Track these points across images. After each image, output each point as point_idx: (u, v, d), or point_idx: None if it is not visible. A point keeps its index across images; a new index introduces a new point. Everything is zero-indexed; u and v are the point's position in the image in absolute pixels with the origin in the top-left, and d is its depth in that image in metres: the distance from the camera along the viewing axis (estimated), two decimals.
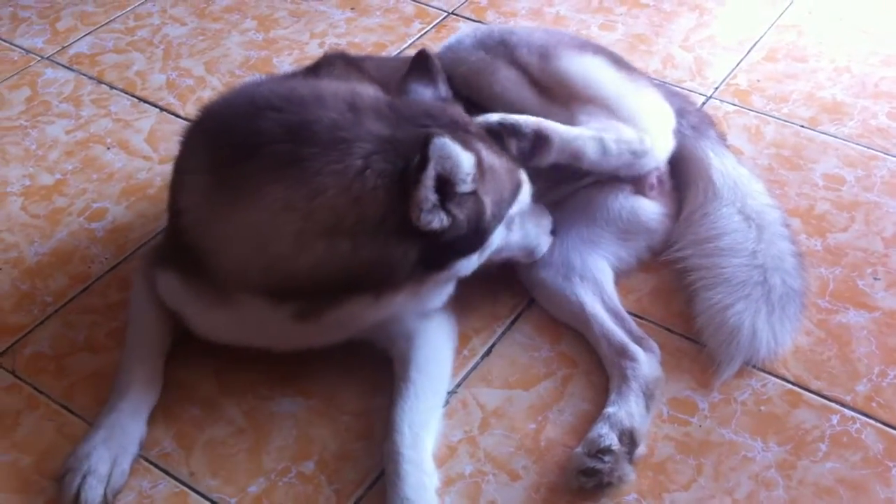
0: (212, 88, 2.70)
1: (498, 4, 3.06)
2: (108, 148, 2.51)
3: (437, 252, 1.63)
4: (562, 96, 2.03)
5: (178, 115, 2.61)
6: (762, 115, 2.57)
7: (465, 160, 1.57)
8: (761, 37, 2.87)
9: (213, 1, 3.08)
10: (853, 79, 2.71)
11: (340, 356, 1.93)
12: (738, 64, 2.76)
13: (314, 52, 2.81)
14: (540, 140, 1.88)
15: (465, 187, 1.60)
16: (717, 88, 2.67)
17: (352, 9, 3.05)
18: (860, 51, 2.82)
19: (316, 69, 1.99)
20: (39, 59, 2.83)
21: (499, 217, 1.71)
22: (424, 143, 1.52)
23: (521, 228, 1.86)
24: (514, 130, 1.84)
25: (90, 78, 2.75)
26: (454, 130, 1.65)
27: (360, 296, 1.65)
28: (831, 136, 2.51)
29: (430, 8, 3.04)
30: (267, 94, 1.71)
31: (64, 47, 2.88)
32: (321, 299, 1.65)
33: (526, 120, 1.87)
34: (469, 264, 1.72)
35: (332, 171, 1.56)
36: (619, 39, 2.87)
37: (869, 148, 2.46)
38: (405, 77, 1.82)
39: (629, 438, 1.75)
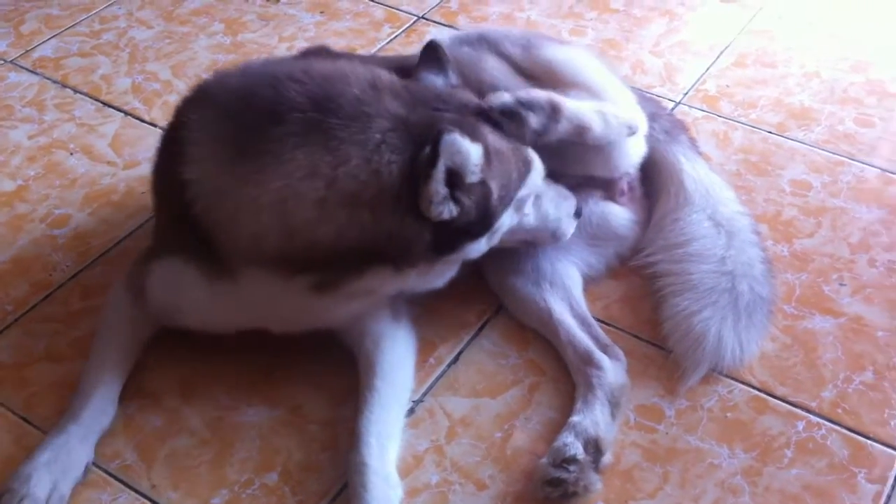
0: (178, 93, 2.66)
1: (469, 9, 3.05)
2: (72, 153, 2.47)
3: (448, 236, 1.66)
4: (549, 82, 2.02)
5: (143, 120, 2.58)
6: (730, 121, 2.58)
7: (473, 152, 1.60)
8: (731, 42, 2.88)
9: (180, 4, 3.05)
10: (822, 84, 2.72)
11: (306, 365, 1.92)
12: (707, 69, 2.77)
13: (282, 55, 2.78)
14: (553, 110, 1.87)
15: (474, 177, 1.63)
16: (686, 94, 2.67)
17: (321, 12, 3.03)
18: (830, 56, 2.83)
19: (295, 57, 2.00)
20: (2, 62, 2.79)
21: (506, 200, 1.72)
22: (435, 140, 1.55)
23: (536, 210, 1.85)
24: (530, 105, 1.83)
25: (54, 82, 2.72)
26: (463, 116, 1.68)
27: (380, 267, 1.66)
28: (799, 141, 2.51)
29: (400, 12, 3.03)
30: (287, 69, 1.74)
31: (27, 51, 2.84)
32: (341, 269, 1.66)
33: (538, 93, 1.88)
34: (479, 247, 1.73)
35: (355, 140, 1.60)
36: (589, 45, 2.86)
37: (835, 154, 2.47)
38: (417, 67, 1.85)
39: (594, 447, 1.74)
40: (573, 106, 1.91)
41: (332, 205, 1.59)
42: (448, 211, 1.61)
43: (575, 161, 2.01)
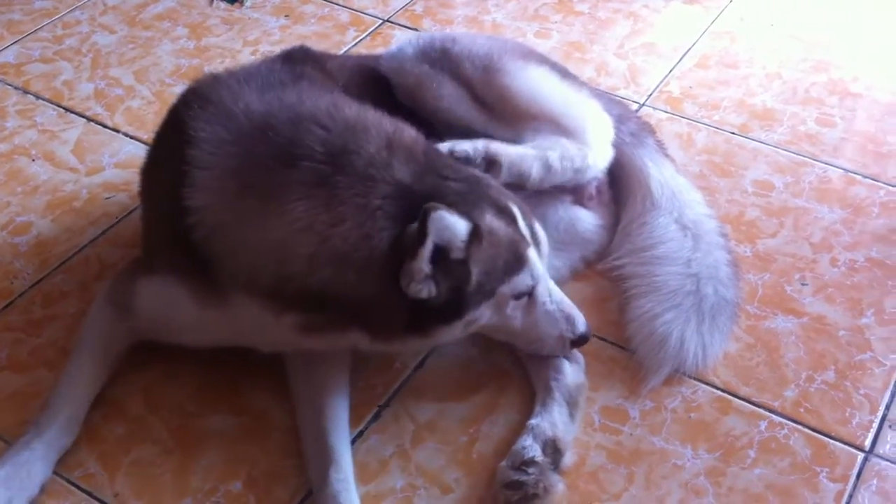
0: (141, 98, 2.65)
1: (434, 12, 3.05)
2: (33, 160, 2.45)
3: (422, 316, 1.63)
4: (506, 112, 2.05)
5: (106, 126, 2.56)
6: (694, 123, 2.60)
7: (460, 228, 1.58)
8: (694, 43, 2.90)
9: (143, 9, 3.03)
10: (784, 85, 2.75)
11: (270, 372, 1.91)
12: (670, 71, 2.79)
13: (247, 59, 2.76)
14: (490, 164, 1.90)
15: (459, 254, 1.60)
16: (649, 96, 2.69)
17: (286, 16, 3.02)
18: (791, 57, 2.86)
19: (283, 62, 1.97)
20: None
21: (486, 290, 1.66)
22: (423, 217, 1.54)
23: (525, 316, 1.77)
24: (466, 159, 1.86)
25: (16, 88, 2.69)
26: (471, 188, 1.68)
27: (359, 332, 1.67)
28: (761, 142, 2.53)
29: (365, 16, 3.02)
30: (312, 108, 1.72)
31: None
32: (328, 319, 1.66)
33: (474, 145, 1.90)
34: (452, 332, 1.69)
35: (355, 203, 1.59)
36: (554, 47, 2.88)
37: (798, 154, 2.50)
38: None
39: (553, 448, 1.76)
40: (512, 155, 1.93)
41: (322, 260, 1.59)
42: (427, 290, 1.59)
43: None
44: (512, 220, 1.70)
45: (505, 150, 1.93)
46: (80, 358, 1.86)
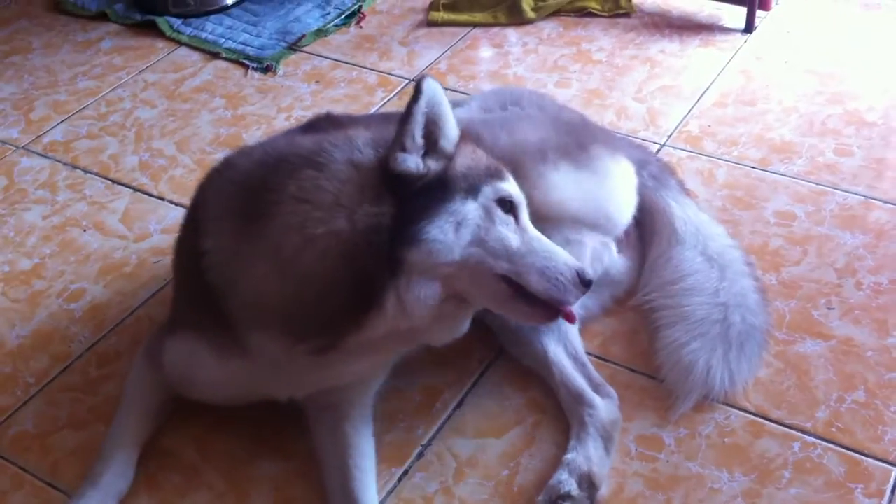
0: (183, 166, 2.79)
1: (458, 69, 3.17)
2: (85, 230, 2.58)
3: (406, 217, 1.62)
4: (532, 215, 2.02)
5: (151, 194, 2.69)
6: (714, 159, 2.67)
7: (451, 116, 1.66)
8: (711, 84, 2.99)
9: (182, 83, 3.19)
10: (801, 118, 2.82)
11: None
12: (689, 111, 2.87)
13: (282, 124, 2.91)
14: None
15: (448, 145, 1.67)
16: (669, 136, 2.77)
17: (316, 82, 3.16)
18: (807, 91, 2.93)
19: (308, 130, 2.07)
20: (15, 148, 2.92)
21: (469, 183, 1.67)
22: (418, 84, 1.61)
23: (521, 235, 1.71)
24: None
25: (65, 164, 2.84)
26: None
27: (375, 314, 1.64)
28: (781, 174, 2.60)
29: (391, 77, 3.15)
30: (295, 145, 1.81)
31: (38, 136, 2.97)
32: (339, 327, 1.67)
33: None
34: (444, 237, 1.62)
35: (326, 202, 1.66)
36: (574, 95, 2.98)
37: (818, 184, 2.56)
38: None
39: (588, 482, 1.81)
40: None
41: (313, 257, 1.63)
42: (415, 164, 1.63)
43: None
44: None
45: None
46: (126, 409, 1.97)
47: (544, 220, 1.94)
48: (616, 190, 2.22)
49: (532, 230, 1.75)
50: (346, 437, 1.90)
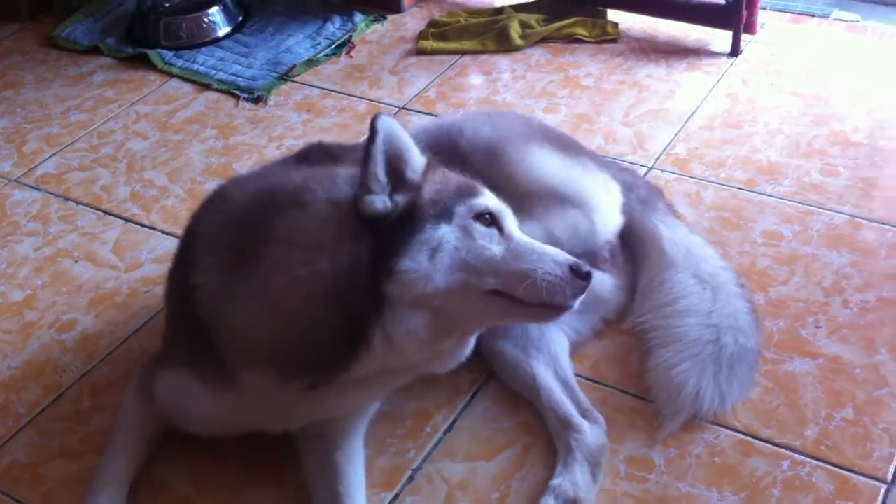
0: (175, 196, 2.81)
1: (447, 96, 3.20)
2: (76, 261, 2.60)
3: (383, 252, 1.61)
4: (514, 195, 2.04)
5: (142, 225, 2.71)
6: (701, 181, 2.69)
7: (413, 146, 1.67)
8: (697, 107, 3.02)
9: (174, 114, 3.22)
10: (787, 140, 2.84)
11: None
12: (676, 134, 2.90)
13: (273, 154, 2.93)
14: None
15: (412, 175, 1.67)
16: (657, 159, 2.80)
17: (307, 111, 3.19)
18: (792, 113, 2.96)
19: (301, 159, 2.08)
20: (7, 181, 2.94)
21: (441, 206, 1.66)
22: (371, 123, 1.62)
23: (502, 243, 1.68)
24: None
25: (57, 196, 2.86)
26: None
27: (364, 350, 1.64)
28: (768, 195, 2.62)
29: (381, 104, 3.18)
30: (285, 178, 1.83)
31: (30, 169, 2.99)
32: (329, 364, 1.68)
33: None
34: (417, 266, 1.60)
35: (310, 238, 1.67)
36: (563, 120, 3.01)
37: (804, 204, 2.58)
38: None
39: None
40: None
41: (296, 264, 1.65)
42: (382, 203, 1.63)
43: None
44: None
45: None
46: (118, 439, 1.97)
47: (525, 196, 1.99)
48: (599, 182, 2.24)
49: (519, 236, 1.72)
50: (336, 465, 1.91)
